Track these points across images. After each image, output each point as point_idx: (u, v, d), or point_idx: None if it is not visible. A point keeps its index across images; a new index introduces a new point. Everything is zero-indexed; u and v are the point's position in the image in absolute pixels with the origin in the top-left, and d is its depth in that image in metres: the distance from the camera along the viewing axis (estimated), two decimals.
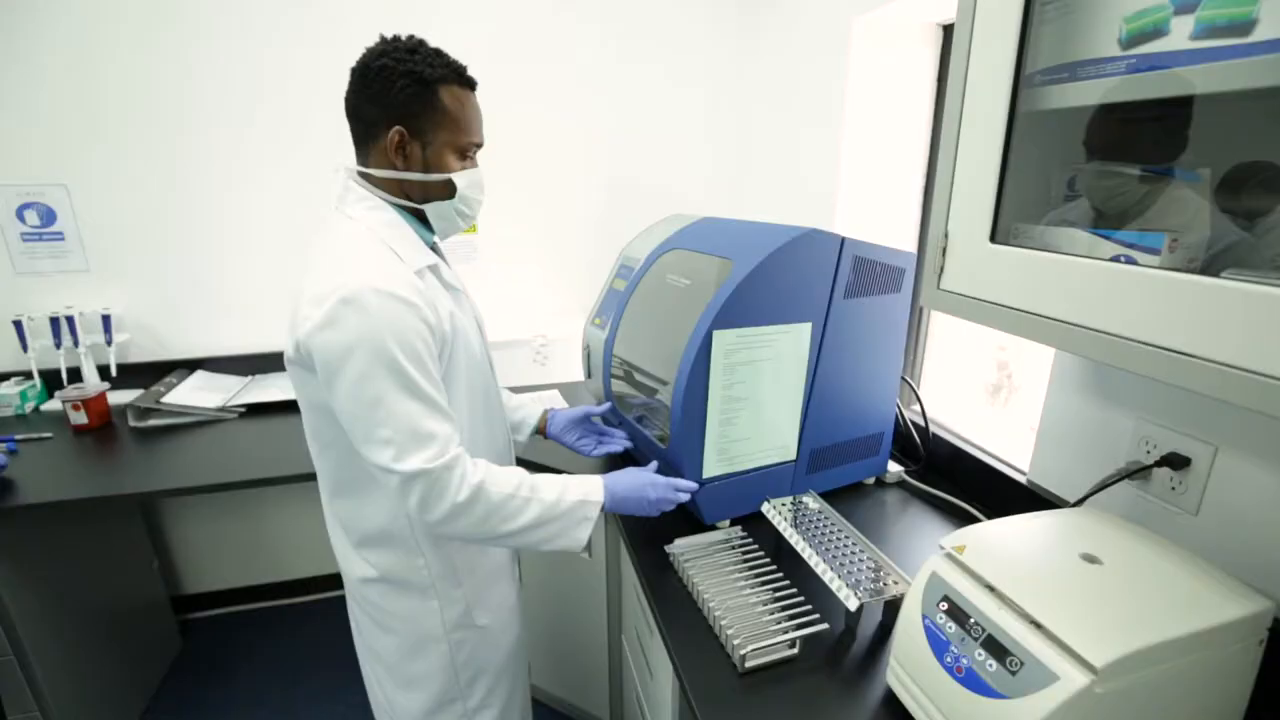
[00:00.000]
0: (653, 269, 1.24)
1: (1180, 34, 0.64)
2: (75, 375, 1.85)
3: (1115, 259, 0.71)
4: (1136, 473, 0.90)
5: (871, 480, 1.33)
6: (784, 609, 0.91)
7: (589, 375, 1.43)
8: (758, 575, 0.98)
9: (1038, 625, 0.62)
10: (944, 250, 0.85)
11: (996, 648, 0.64)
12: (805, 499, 1.10)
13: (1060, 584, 0.67)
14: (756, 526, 1.12)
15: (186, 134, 1.82)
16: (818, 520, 1.03)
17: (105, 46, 1.72)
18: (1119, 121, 0.77)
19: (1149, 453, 0.91)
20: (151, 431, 1.70)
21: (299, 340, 0.84)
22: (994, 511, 1.18)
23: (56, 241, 1.81)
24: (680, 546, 1.05)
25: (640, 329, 1.20)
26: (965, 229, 0.81)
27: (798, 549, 0.97)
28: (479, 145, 0.98)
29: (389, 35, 0.92)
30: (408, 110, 0.89)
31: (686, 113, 2.13)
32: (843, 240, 1.08)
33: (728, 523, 1.17)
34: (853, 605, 0.84)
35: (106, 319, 1.83)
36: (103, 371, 1.87)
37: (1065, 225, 0.80)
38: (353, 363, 0.81)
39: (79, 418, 1.71)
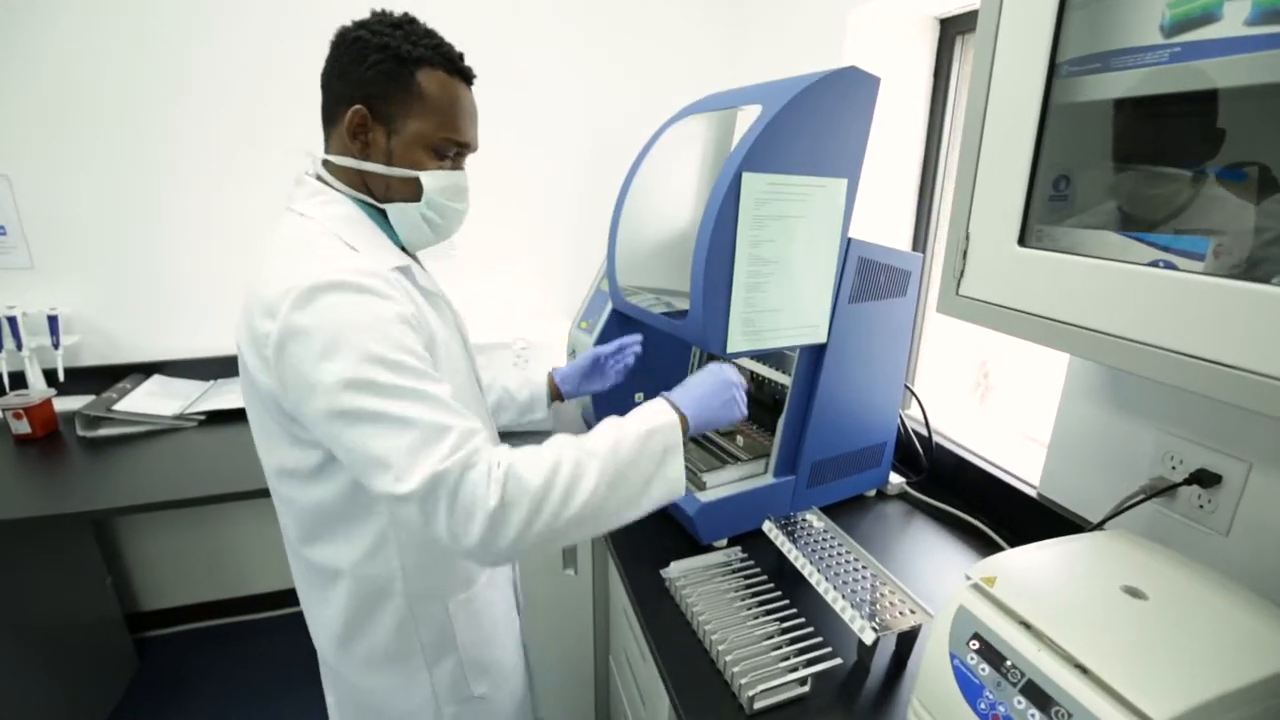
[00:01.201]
0: (658, 145, 1.13)
1: (1234, 19, 0.58)
2: (19, 380, 1.72)
3: (1153, 264, 0.65)
4: (1163, 491, 0.85)
5: (873, 492, 1.28)
6: (792, 641, 0.84)
7: None
8: (762, 603, 0.91)
9: (1084, 670, 0.56)
10: (964, 253, 0.79)
11: (1039, 695, 0.58)
12: (809, 516, 1.03)
13: (1104, 622, 0.61)
14: (756, 546, 1.05)
15: (140, 122, 1.70)
16: (823, 540, 0.97)
17: (49, 29, 1.58)
18: (1153, 116, 0.72)
19: (1174, 469, 0.86)
20: (102, 442, 1.58)
21: (262, 365, 0.69)
22: (1001, 526, 1.13)
23: None
24: (677, 570, 0.98)
25: (643, 226, 1.09)
26: (989, 231, 0.75)
27: (804, 573, 0.91)
28: (463, 146, 0.83)
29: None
30: (375, 90, 0.76)
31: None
32: (850, 241, 1.01)
33: (725, 542, 1.10)
34: (869, 639, 0.78)
35: (53, 320, 1.70)
36: (49, 376, 1.74)
37: (1093, 228, 0.75)
38: (326, 371, 0.65)
39: (21, 427, 1.58)
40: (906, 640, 0.84)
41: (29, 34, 1.58)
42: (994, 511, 1.16)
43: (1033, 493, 1.10)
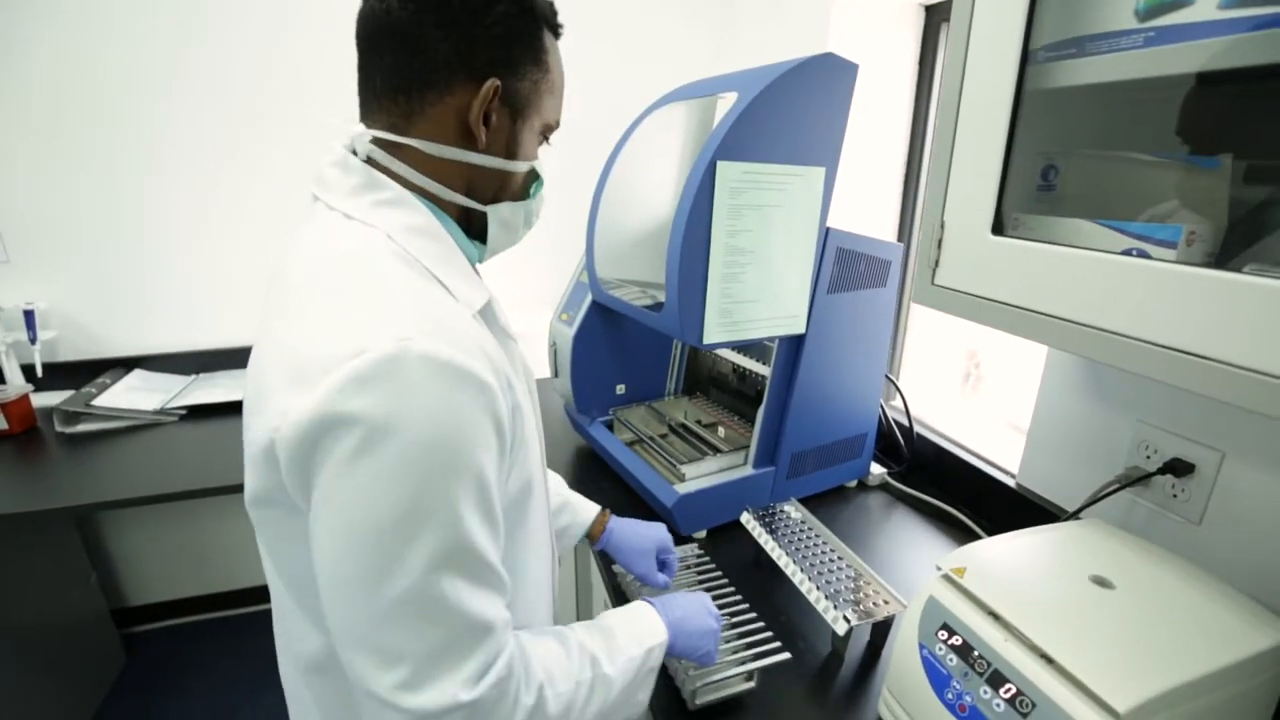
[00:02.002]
0: (637, 133, 1.12)
1: (1207, 3, 0.57)
2: None
3: (1127, 253, 0.65)
4: (1137, 480, 0.85)
5: (854, 483, 1.27)
6: (741, 636, 0.83)
7: (556, 374, 1.34)
8: (715, 599, 0.89)
9: (1049, 660, 0.56)
10: (939, 242, 0.78)
11: (1004, 685, 0.58)
12: (786, 507, 1.03)
13: (1071, 612, 0.60)
14: (735, 537, 1.05)
15: (116, 115, 1.67)
16: (800, 531, 0.97)
17: (24, 25, 1.55)
18: (1129, 102, 0.71)
19: (1149, 458, 0.86)
20: (82, 437, 1.57)
21: (272, 443, 0.48)
22: (981, 516, 1.13)
23: None
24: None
25: (623, 216, 1.07)
26: (963, 219, 0.75)
27: (780, 564, 0.90)
28: (559, 125, 0.68)
29: None
30: (506, 55, 0.56)
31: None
32: (828, 230, 1.01)
33: (703, 534, 1.10)
34: (841, 629, 0.78)
35: (29, 314, 1.67)
36: (28, 372, 1.72)
37: (1067, 216, 0.74)
38: (380, 505, 0.45)
39: None
40: (881, 630, 0.84)
41: (4, 29, 1.55)
42: (974, 502, 1.16)
43: (1012, 483, 1.10)
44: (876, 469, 1.28)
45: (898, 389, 1.34)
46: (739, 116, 0.86)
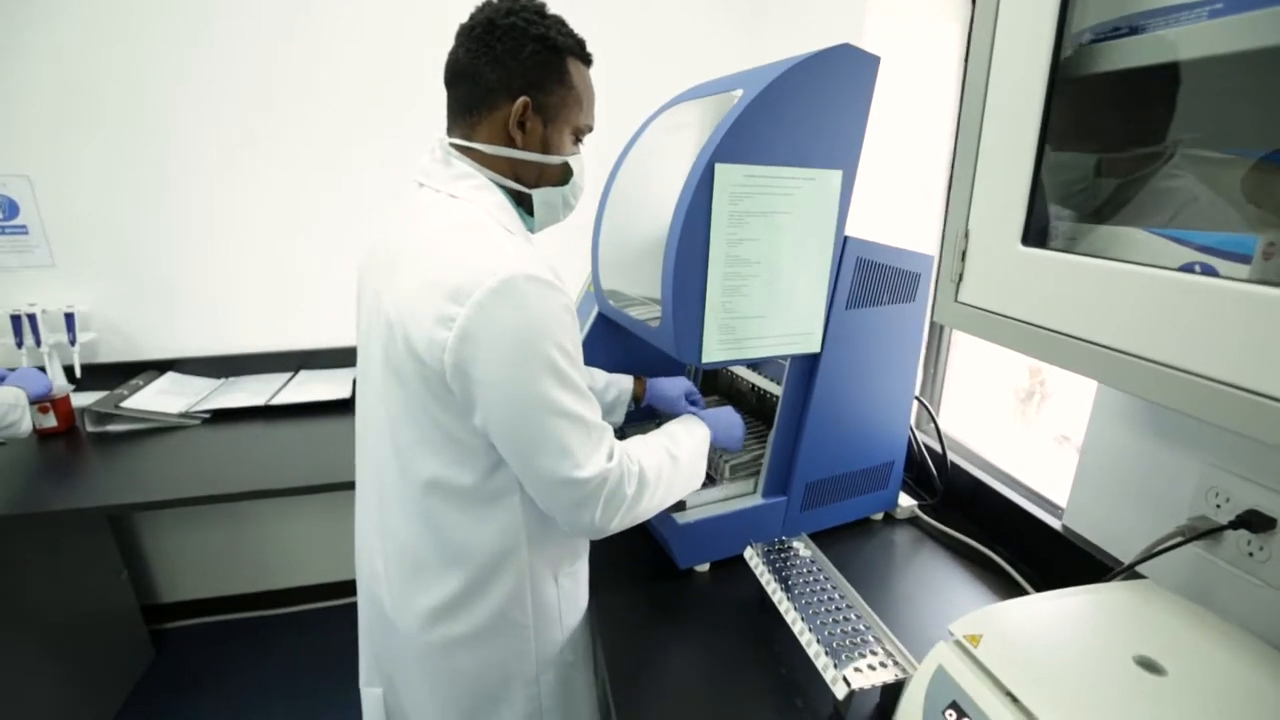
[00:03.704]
0: (645, 136, 1.07)
1: None
2: None
3: (1187, 268, 0.54)
4: (1206, 534, 0.72)
5: (880, 516, 1.16)
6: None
7: None
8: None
9: None
10: (963, 254, 0.68)
11: None
12: (796, 544, 0.94)
13: (1107, 703, 0.50)
14: (741, 573, 0.96)
15: (159, 122, 1.71)
16: (809, 572, 0.87)
17: (71, 29, 1.61)
18: (1199, 89, 0.60)
19: (1219, 507, 0.73)
20: (112, 437, 1.61)
21: (433, 344, 0.68)
22: (1021, 559, 1.01)
23: (20, 235, 1.72)
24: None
25: (630, 224, 1.01)
26: (990, 228, 0.65)
27: (780, 609, 0.82)
28: (591, 129, 0.87)
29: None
30: (535, 79, 0.77)
31: None
32: (846, 239, 0.91)
33: (707, 567, 1.01)
34: (840, 692, 0.69)
35: (70, 317, 1.73)
36: (68, 373, 1.78)
37: (1119, 224, 0.63)
38: (517, 364, 0.68)
39: (47, 421, 1.62)
40: (892, 694, 0.74)
41: (50, 38, 1.61)
42: (1013, 542, 1.04)
43: (1057, 524, 0.98)
44: (906, 500, 1.17)
45: (930, 413, 1.22)
46: (740, 115, 0.78)
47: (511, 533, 0.81)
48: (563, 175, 0.85)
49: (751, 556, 0.92)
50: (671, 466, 0.85)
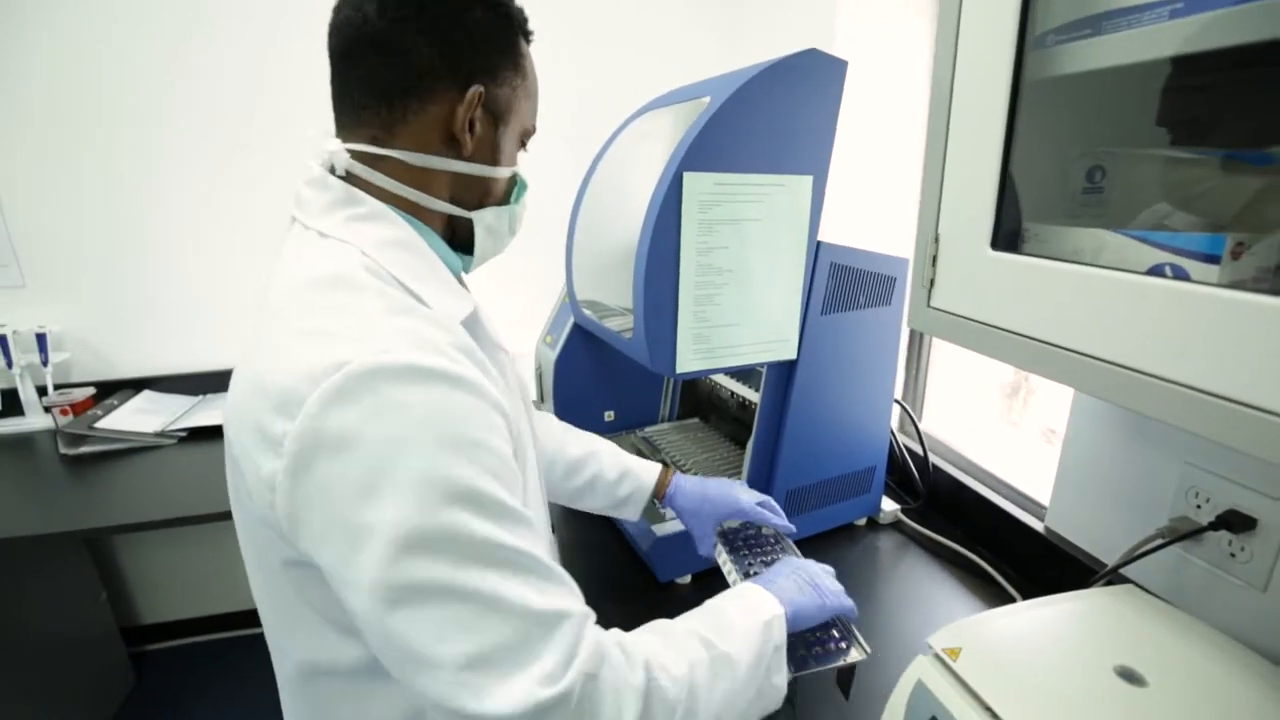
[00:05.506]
0: (616, 144, 1.04)
1: None
2: (10, 398, 1.73)
3: (1156, 270, 0.53)
4: (1186, 535, 0.71)
5: (863, 521, 1.15)
6: None
7: (542, 399, 1.27)
8: None
9: None
10: (934, 259, 0.67)
11: None
12: (765, 531, 0.92)
13: (1086, 715, 0.49)
14: (722, 585, 0.95)
15: (130, 139, 1.68)
16: (770, 549, 0.85)
17: (38, 47, 1.58)
18: (1189, 88, 0.59)
19: (1199, 508, 0.73)
20: (87, 459, 1.57)
21: (260, 481, 0.46)
22: (1004, 561, 1.00)
23: None
24: None
25: (604, 233, 0.99)
26: (960, 231, 0.64)
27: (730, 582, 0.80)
28: (535, 131, 0.67)
29: None
30: (486, 62, 0.56)
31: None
32: (819, 245, 0.90)
33: (689, 579, 1.00)
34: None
35: (41, 337, 1.69)
36: (40, 394, 1.74)
37: (1089, 226, 0.63)
38: (379, 510, 0.42)
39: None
40: (845, 678, 0.71)
41: (18, 52, 1.58)
42: (996, 545, 1.03)
43: (1039, 525, 0.97)
44: (890, 505, 1.16)
45: (910, 415, 1.21)
46: (707, 123, 0.77)
47: (420, 713, 0.55)
48: (509, 192, 0.65)
49: (724, 564, 0.89)
50: (728, 676, 0.55)
